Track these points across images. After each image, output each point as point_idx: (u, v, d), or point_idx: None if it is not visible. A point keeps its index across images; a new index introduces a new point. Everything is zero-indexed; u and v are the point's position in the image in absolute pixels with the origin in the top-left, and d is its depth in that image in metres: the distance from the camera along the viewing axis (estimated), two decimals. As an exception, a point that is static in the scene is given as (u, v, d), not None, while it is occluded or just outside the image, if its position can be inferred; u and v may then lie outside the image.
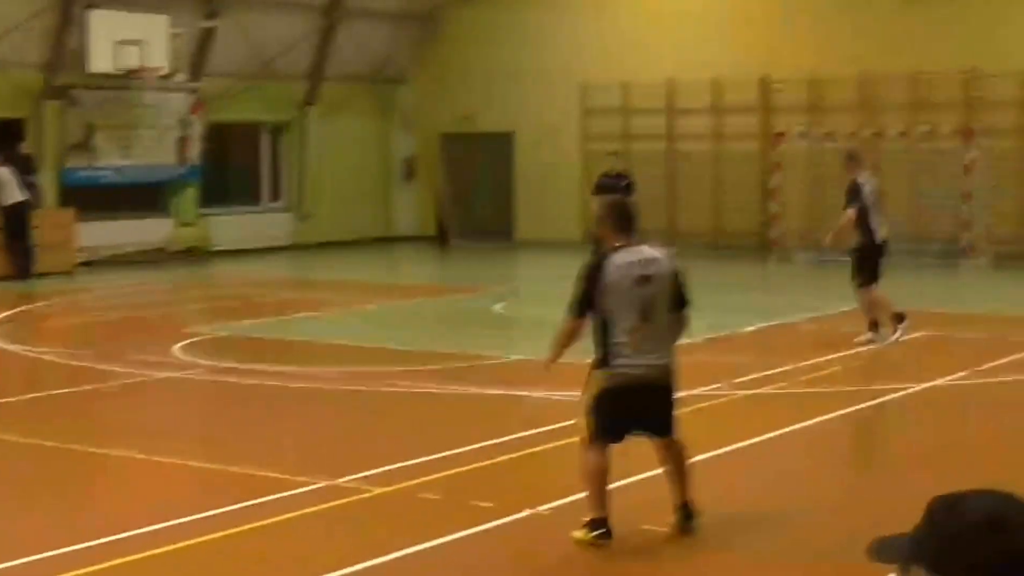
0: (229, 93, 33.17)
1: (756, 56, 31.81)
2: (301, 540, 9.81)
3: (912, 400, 15.00)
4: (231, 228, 33.81)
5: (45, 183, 29.70)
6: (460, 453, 12.09)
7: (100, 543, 9.45)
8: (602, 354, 9.55)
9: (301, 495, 10.71)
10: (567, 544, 9.27)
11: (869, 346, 18.03)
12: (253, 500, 10.51)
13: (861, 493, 11.36)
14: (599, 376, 9.56)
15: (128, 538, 9.55)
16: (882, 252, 18.48)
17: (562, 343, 9.76)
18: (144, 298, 25.28)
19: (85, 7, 29.29)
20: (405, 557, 9.16)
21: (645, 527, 9.27)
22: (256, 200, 35.70)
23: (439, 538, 9.52)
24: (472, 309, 23.60)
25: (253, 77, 33.60)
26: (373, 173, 37.26)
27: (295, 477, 11.26)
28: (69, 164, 30.24)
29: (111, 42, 29.49)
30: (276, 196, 35.87)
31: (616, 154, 28.83)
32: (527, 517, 10.07)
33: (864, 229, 18.24)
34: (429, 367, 16.89)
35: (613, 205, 10.17)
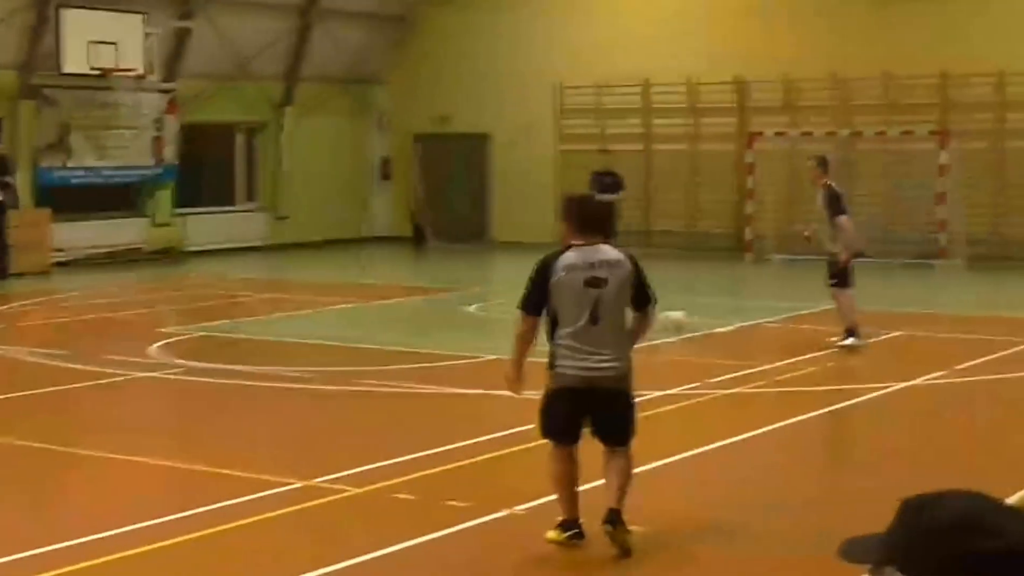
0: (204, 93, 33.10)
1: (731, 57, 31.83)
2: (276, 541, 9.80)
3: (888, 400, 15.03)
4: (206, 228, 33.72)
5: (20, 183, 29.57)
6: (436, 453, 12.08)
7: (74, 544, 9.40)
8: (549, 354, 9.40)
9: (277, 495, 10.68)
10: (543, 544, 9.26)
11: (849, 343, 17.90)
12: (228, 500, 10.48)
13: (836, 492, 11.38)
14: (547, 376, 9.44)
15: (103, 539, 9.50)
16: (857, 256, 18.44)
17: (519, 349, 9.44)
18: (119, 298, 25.19)
19: (59, 7, 29.18)
20: (381, 557, 9.15)
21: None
22: (231, 200, 35.61)
23: (415, 538, 9.51)
24: (447, 309, 23.58)
25: (228, 78, 33.53)
26: (349, 174, 37.21)
27: (271, 477, 11.23)
28: (44, 164, 30.13)
29: (85, 42, 29.40)
30: (251, 196, 35.80)
31: (606, 152, 28.87)
32: (504, 517, 10.06)
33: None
34: (405, 367, 16.86)
35: (574, 202, 9.82)
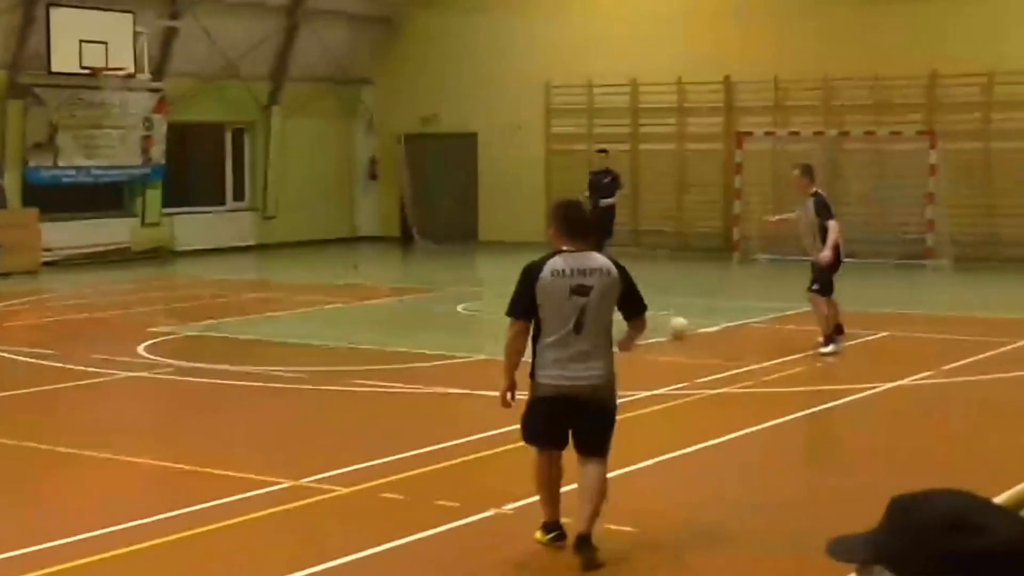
0: (192, 93, 33.08)
1: (720, 57, 31.86)
2: (264, 540, 9.80)
3: (874, 400, 15.05)
4: (195, 228, 33.72)
5: (8, 183, 29.54)
6: (423, 453, 12.09)
7: (57, 544, 9.39)
8: (532, 362, 9.23)
9: (264, 495, 10.68)
10: (531, 543, 9.27)
11: (830, 349, 17.86)
12: (216, 500, 10.47)
13: (823, 491, 11.39)
14: (529, 385, 9.28)
15: (86, 539, 9.49)
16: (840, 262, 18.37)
17: (510, 361, 9.28)
18: (108, 298, 25.15)
19: (48, 5, 29.13)
20: (369, 557, 9.16)
21: (605, 526, 9.26)
22: (220, 200, 35.58)
23: (403, 538, 9.52)
24: (436, 309, 23.57)
25: (216, 77, 33.51)
26: (336, 173, 37.22)
27: (258, 477, 11.23)
28: (32, 163, 30.09)
29: (74, 41, 29.38)
30: (240, 196, 35.78)
31: (605, 152, 28.88)
32: (491, 517, 10.07)
33: (826, 241, 18.06)
34: (392, 367, 16.87)
35: (560, 207, 9.57)
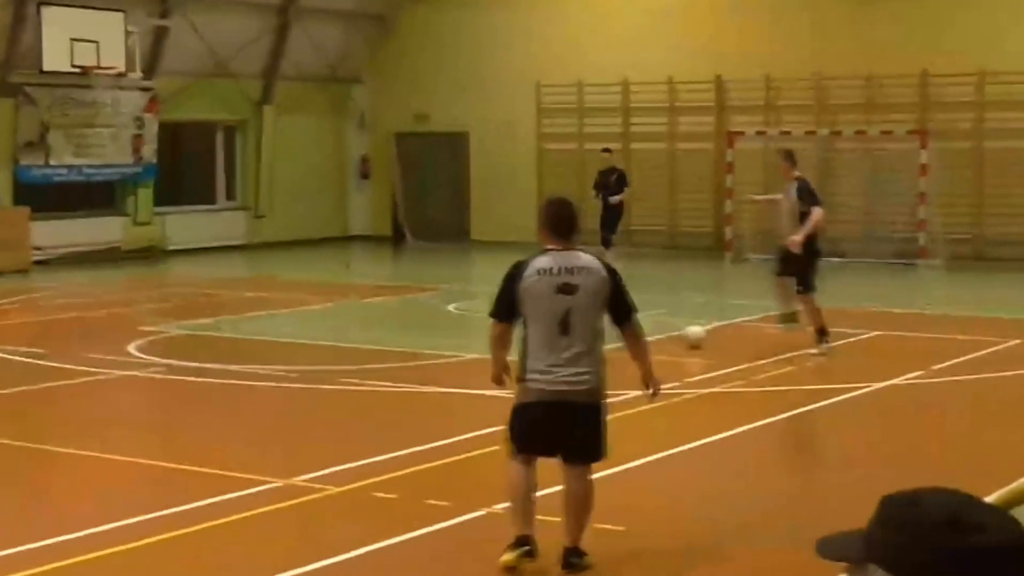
0: (184, 92, 33.04)
1: (711, 56, 31.86)
2: (256, 539, 9.79)
3: (866, 399, 15.06)
4: (186, 227, 33.67)
5: (0, 181, 29.52)
6: (416, 452, 12.09)
7: (52, 542, 9.38)
8: (519, 365, 9.02)
9: (256, 494, 10.68)
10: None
11: (821, 349, 17.84)
12: (208, 499, 10.46)
13: (815, 489, 11.41)
14: (516, 389, 9.11)
15: (79, 537, 9.49)
16: (820, 256, 18.34)
17: (496, 356, 9.23)
18: (99, 297, 25.10)
19: (39, 4, 29.09)
20: (361, 556, 9.16)
21: (596, 525, 9.25)
22: (211, 199, 35.54)
23: (395, 537, 9.52)
24: (428, 308, 23.57)
25: (208, 76, 33.46)
26: (328, 172, 37.18)
27: (251, 475, 11.22)
28: (23, 162, 30.05)
29: (65, 40, 29.34)
30: (231, 195, 35.73)
31: (609, 151, 28.86)
32: (484, 516, 10.07)
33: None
34: (385, 366, 16.86)
35: (548, 205, 9.39)
